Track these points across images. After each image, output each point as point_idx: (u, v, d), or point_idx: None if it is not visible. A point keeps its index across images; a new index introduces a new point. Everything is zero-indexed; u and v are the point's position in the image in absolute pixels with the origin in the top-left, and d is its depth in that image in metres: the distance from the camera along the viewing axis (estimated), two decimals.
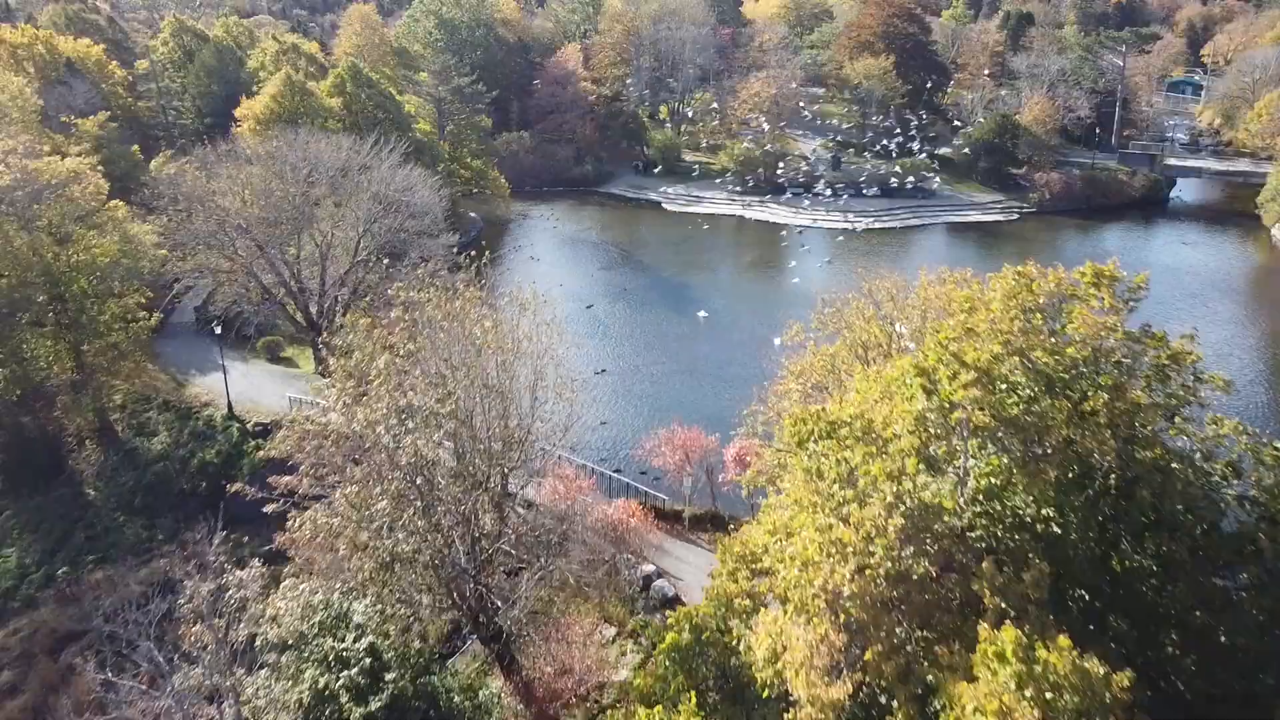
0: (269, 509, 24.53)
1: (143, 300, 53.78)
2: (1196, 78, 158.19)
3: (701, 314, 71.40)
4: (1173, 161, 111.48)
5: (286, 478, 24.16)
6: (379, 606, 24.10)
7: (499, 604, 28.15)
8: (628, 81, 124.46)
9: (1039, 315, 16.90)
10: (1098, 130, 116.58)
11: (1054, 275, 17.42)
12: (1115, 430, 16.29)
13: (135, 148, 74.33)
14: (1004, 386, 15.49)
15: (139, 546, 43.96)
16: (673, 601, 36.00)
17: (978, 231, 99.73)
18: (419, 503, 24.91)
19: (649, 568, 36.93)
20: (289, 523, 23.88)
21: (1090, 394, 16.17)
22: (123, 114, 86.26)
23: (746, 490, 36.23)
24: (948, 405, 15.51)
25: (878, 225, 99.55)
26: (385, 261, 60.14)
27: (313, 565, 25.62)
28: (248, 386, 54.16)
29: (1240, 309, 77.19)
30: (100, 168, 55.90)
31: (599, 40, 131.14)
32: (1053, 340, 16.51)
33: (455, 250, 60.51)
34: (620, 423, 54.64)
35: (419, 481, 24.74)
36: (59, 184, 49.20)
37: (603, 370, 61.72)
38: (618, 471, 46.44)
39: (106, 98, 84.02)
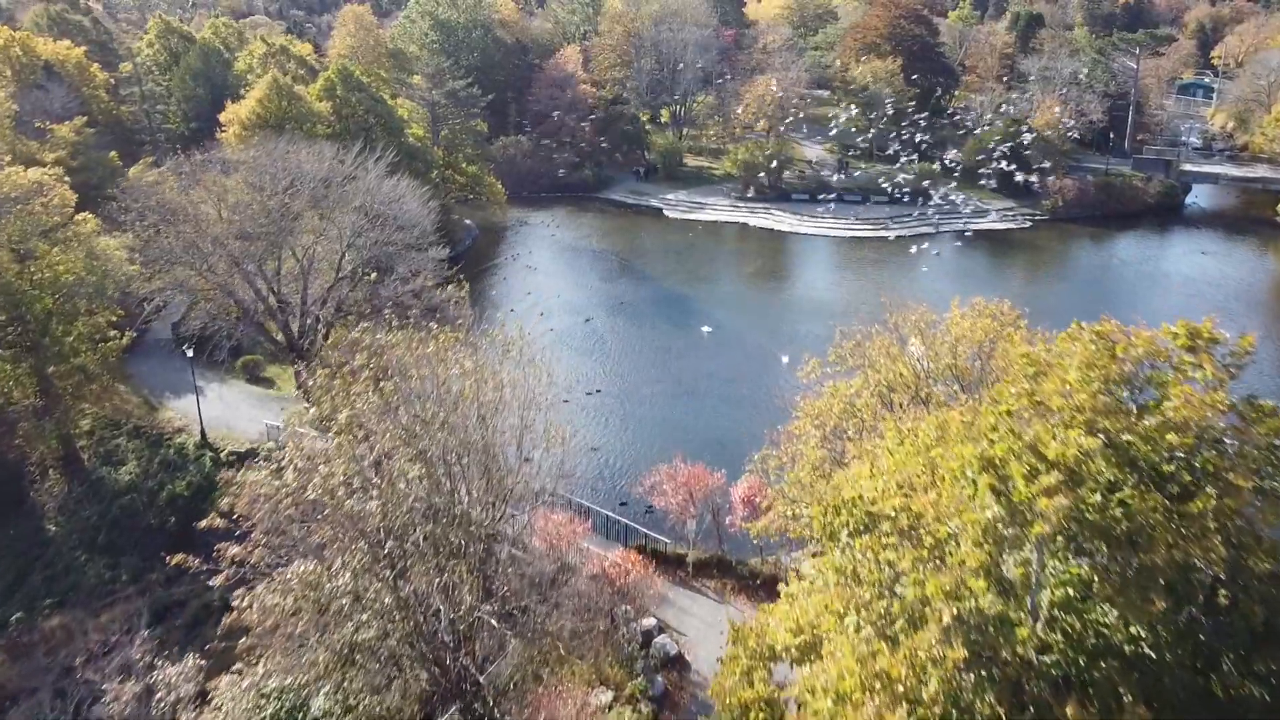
0: (215, 582, 21.48)
1: (113, 318, 50.78)
2: (1206, 80, 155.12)
3: (705, 329, 68.27)
4: (1189, 167, 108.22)
5: (234, 549, 21.08)
6: (340, 696, 21.00)
7: (479, 676, 25.07)
8: (628, 84, 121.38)
9: (1123, 387, 13.85)
10: (1111, 135, 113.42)
11: (1140, 338, 14.26)
12: (1225, 534, 13.23)
13: (113, 154, 71.23)
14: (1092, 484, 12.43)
15: (100, 589, 40.82)
16: (675, 661, 32.98)
17: (989, 239, 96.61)
18: (388, 571, 21.83)
19: (649, 621, 33.85)
20: (235, 600, 20.81)
21: (1194, 489, 13.08)
22: (104, 118, 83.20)
23: (756, 537, 33.26)
24: (1025, 513, 12.44)
25: (885, 233, 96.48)
26: (373, 275, 57.25)
27: (270, 639, 22.51)
28: (224, 410, 51.11)
29: (1271, 323, 73.90)
30: (68, 178, 52.80)
31: (599, 42, 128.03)
32: (1146, 424, 13.42)
33: (446, 264, 57.59)
34: (617, 450, 51.43)
35: (388, 548, 21.67)
36: (21, 196, 46.09)
37: (597, 390, 58.60)
38: (623, 504, 43.28)
39: (87, 102, 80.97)
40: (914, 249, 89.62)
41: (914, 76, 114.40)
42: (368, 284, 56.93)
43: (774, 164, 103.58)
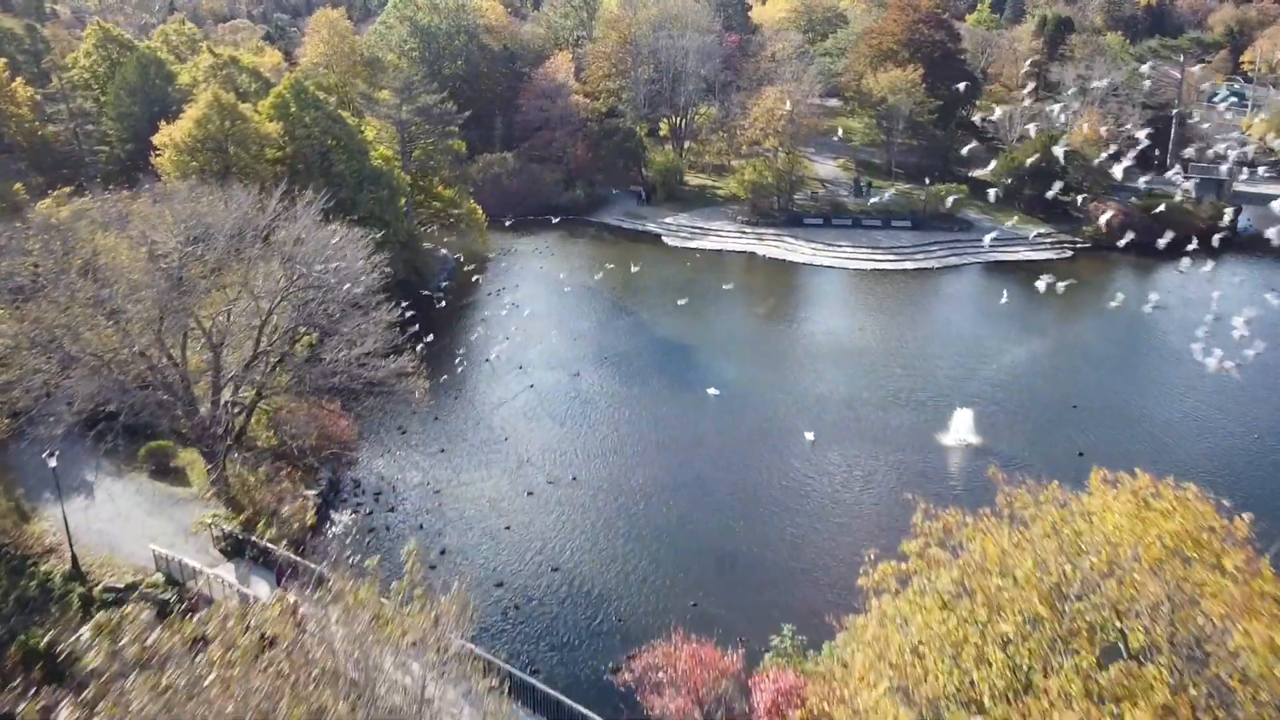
0: None
1: None
2: (1238, 87, 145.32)
3: (711, 390, 58.21)
4: (1243, 188, 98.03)
5: None
6: None
7: None
8: (624, 95, 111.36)
9: None
10: (1156, 151, 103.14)
11: None
12: None
13: (18, 186, 61.20)
14: None
15: None
16: None
17: (1026, 271, 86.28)
18: None
19: None
20: None
21: None
22: (26, 141, 73.19)
23: None
24: None
25: (910, 265, 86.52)
26: (314, 335, 47.54)
27: None
28: (112, 519, 41.00)
29: None
30: None
31: (593, 49, 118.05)
32: None
33: (398, 327, 47.64)
34: (589, 575, 40.61)
35: None
36: None
37: (573, 478, 48.55)
38: (614, 671, 32.18)
39: (4, 121, 70.93)
40: (943, 284, 79.75)
41: (941, 91, 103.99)
42: (304, 350, 47.18)
43: (784, 184, 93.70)
